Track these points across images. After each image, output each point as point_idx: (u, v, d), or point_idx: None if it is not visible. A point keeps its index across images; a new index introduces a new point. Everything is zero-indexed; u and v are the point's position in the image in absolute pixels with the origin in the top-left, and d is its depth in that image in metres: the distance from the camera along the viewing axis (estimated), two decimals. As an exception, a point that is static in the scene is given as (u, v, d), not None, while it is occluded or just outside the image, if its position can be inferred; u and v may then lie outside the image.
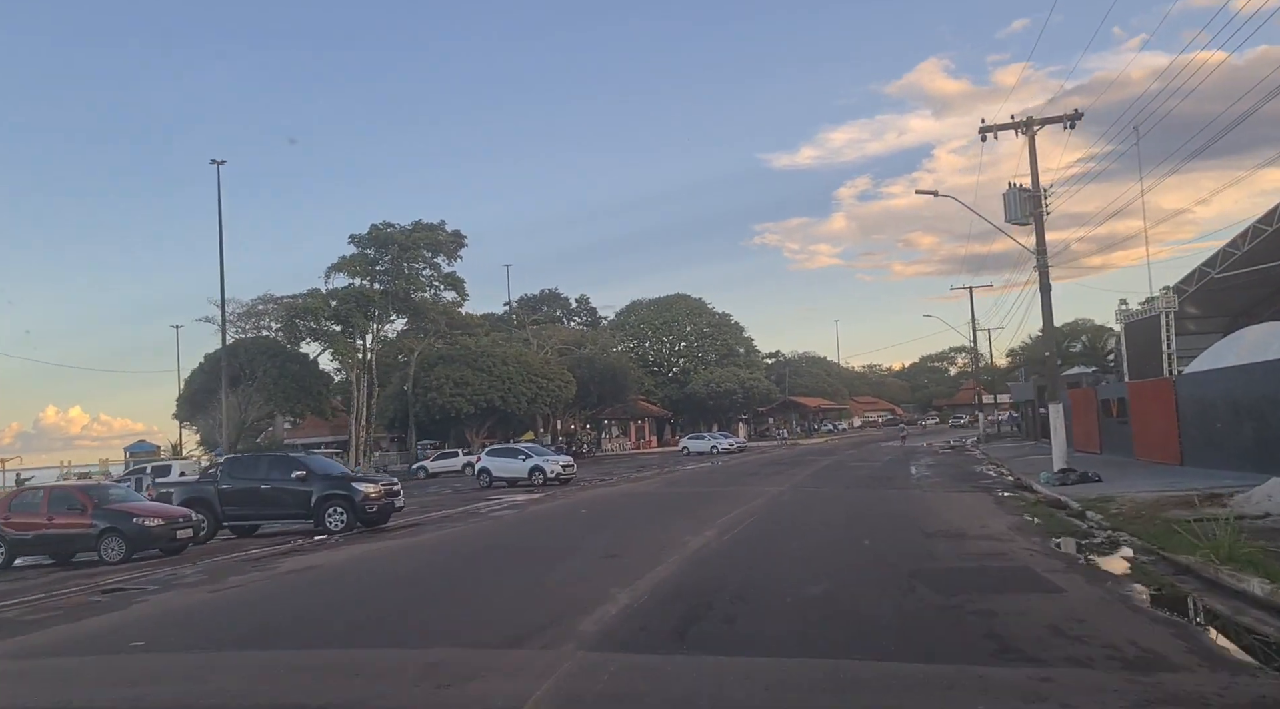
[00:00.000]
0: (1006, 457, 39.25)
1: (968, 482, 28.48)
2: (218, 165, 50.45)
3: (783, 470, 37.35)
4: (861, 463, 41.12)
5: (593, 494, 29.28)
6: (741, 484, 30.28)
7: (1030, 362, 49.35)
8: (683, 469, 43.71)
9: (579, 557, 14.53)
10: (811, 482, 30.10)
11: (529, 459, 36.19)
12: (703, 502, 24.17)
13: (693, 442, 64.35)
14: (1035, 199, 25.03)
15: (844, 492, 25.70)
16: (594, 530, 18.37)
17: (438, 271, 55.80)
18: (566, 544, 16.33)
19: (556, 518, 21.90)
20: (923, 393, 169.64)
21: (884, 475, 32.01)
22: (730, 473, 37.96)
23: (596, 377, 72.58)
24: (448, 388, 60.85)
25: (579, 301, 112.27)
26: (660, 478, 36.72)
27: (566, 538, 17.44)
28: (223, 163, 50.50)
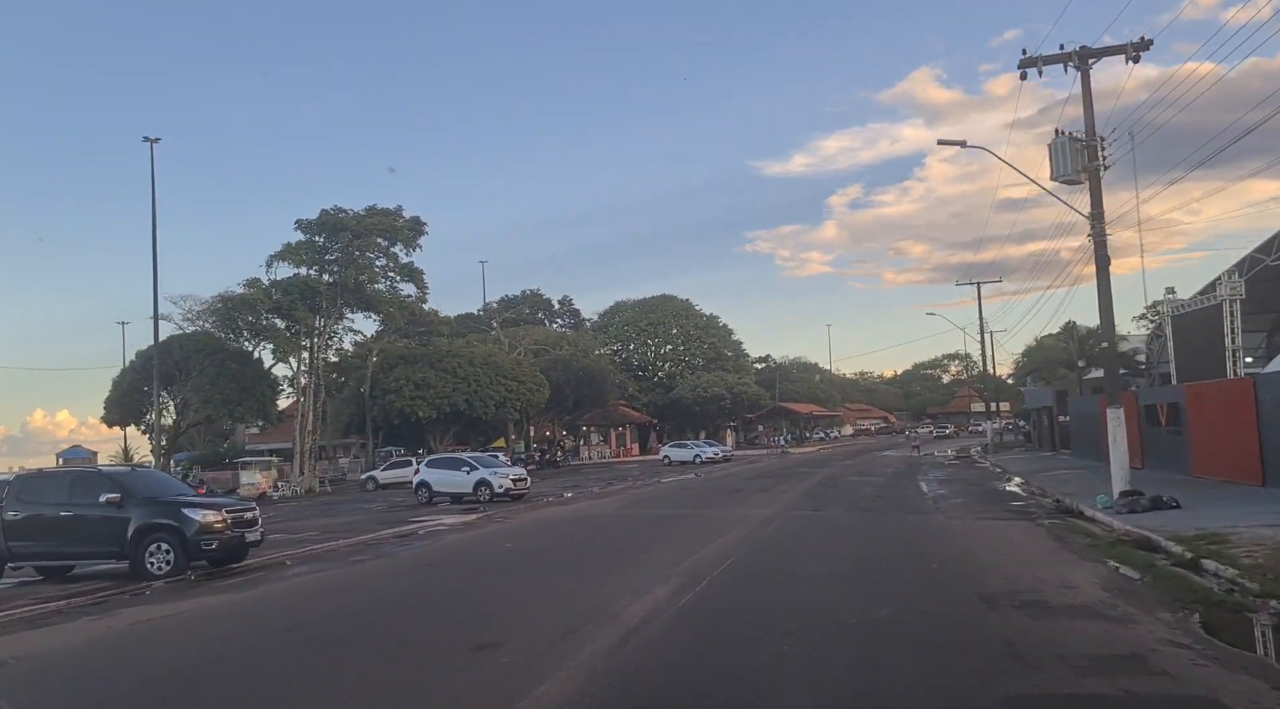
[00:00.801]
0: (1027, 470, 33.92)
1: (997, 503, 23.12)
2: (151, 143, 45.10)
3: (772, 485, 31.96)
4: (862, 477, 35.74)
5: (538, 518, 23.78)
6: (721, 504, 24.85)
7: (1048, 363, 44.16)
8: (658, 482, 38.25)
9: (437, 647, 9.06)
10: (806, 502, 24.70)
11: (474, 472, 30.65)
12: (666, 532, 18.76)
13: (674, 450, 58.86)
14: (1091, 149, 19.70)
15: (848, 518, 20.29)
16: (500, 583, 12.88)
17: (394, 262, 50.23)
18: (438, 617, 10.84)
19: (465, 558, 16.39)
20: (916, 400, 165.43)
21: (892, 493, 26.63)
22: (711, 488, 32.55)
23: (573, 379, 67.10)
24: (407, 390, 55.33)
25: (561, 303, 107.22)
26: (628, 494, 31.26)
27: (453, 599, 11.94)
28: (156, 141, 45.22)
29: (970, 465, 42.25)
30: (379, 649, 8.99)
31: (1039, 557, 13.57)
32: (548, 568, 14.14)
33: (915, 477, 34.65)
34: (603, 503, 27.62)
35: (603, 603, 10.40)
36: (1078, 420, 38.45)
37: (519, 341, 68.39)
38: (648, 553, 15.30)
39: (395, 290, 51.26)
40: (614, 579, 12.38)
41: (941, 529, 17.71)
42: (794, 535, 17.37)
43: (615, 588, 11.48)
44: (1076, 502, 20.97)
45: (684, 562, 13.70)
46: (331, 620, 10.77)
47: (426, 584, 13.12)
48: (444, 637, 9.41)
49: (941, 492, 27.29)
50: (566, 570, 13.64)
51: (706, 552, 14.85)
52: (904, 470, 39.11)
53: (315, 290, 46.59)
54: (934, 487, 29.34)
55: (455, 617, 10.60)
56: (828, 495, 26.73)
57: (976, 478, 33.50)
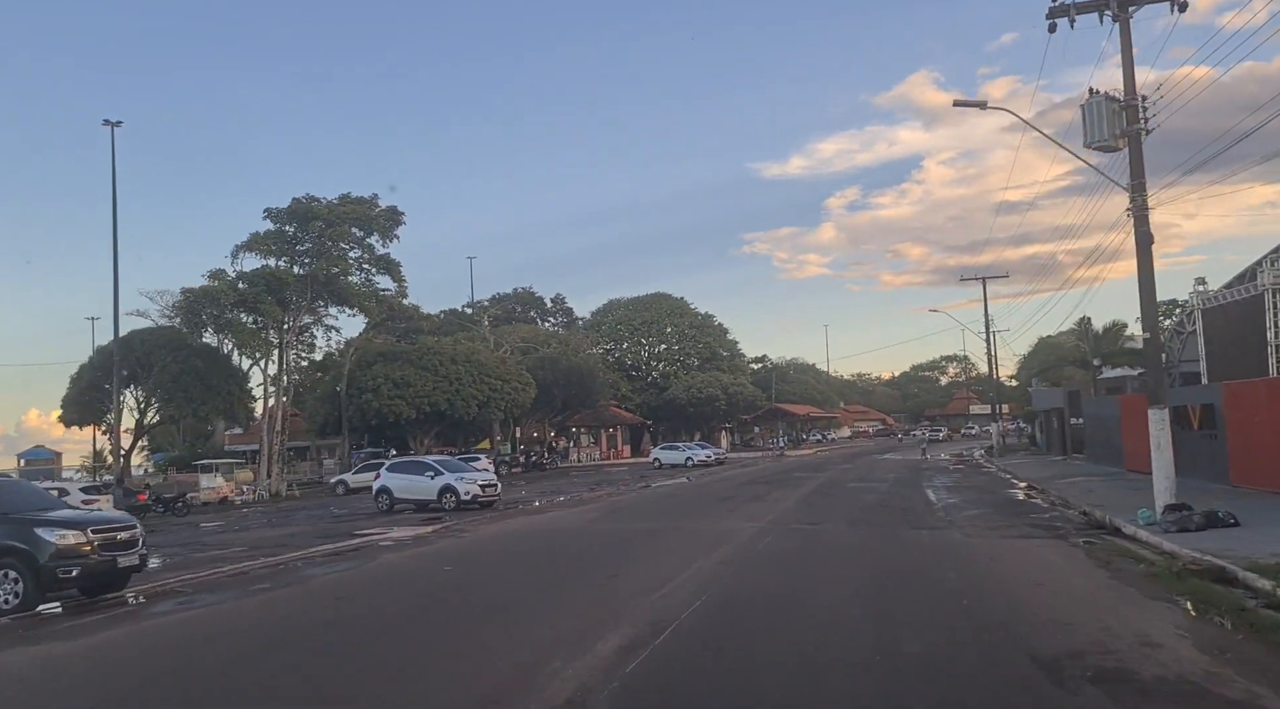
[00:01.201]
0: (1040, 476, 31.18)
1: (1017, 516, 20.36)
2: (112, 127, 42.35)
3: (765, 492, 29.22)
4: (862, 482, 33.00)
5: (499, 531, 20.95)
6: (706, 516, 22.09)
7: (1057, 362, 41.35)
8: (644, 488, 35.49)
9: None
10: (802, 513, 21.95)
11: (439, 477, 27.81)
12: (639, 552, 16.01)
13: (665, 453, 56.04)
14: (1131, 111, 16.97)
15: (850, 534, 17.54)
16: (401, 633, 10.01)
17: (370, 254, 47.43)
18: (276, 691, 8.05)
19: (387, 587, 13.45)
20: (914, 402, 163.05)
21: (898, 504, 23.86)
22: (699, 495, 29.80)
23: (560, 379, 64.28)
24: (386, 388, 52.52)
25: (554, 301, 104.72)
26: (607, 502, 28.48)
27: (317, 661, 9.11)
28: (118, 124, 42.47)
29: (976, 470, 39.51)
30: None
31: (1092, 593, 10.82)
32: (476, 606, 11.35)
33: (920, 483, 31.92)
34: (577, 513, 24.83)
35: (522, 670, 7.64)
36: (1092, 423, 35.73)
37: (505, 339, 65.59)
38: (609, 582, 12.56)
39: (371, 284, 48.44)
40: (554, 625, 9.62)
41: (962, 550, 14.96)
42: (786, 559, 14.61)
43: (549, 641, 8.73)
44: (1110, 515, 18.26)
45: (650, 596, 10.96)
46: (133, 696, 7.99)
47: (310, 633, 10.25)
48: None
49: (951, 501, 24.55)
50: (497, 611, 10.85)
51: (680, 582, 12.10)
52: (907, 476, 36.38)
53: (283, 283, 43.75)
54: (942, 495, 26.60)
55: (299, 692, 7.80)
56: (825, 505, 23.97)
57: (986, 485, 30.75)
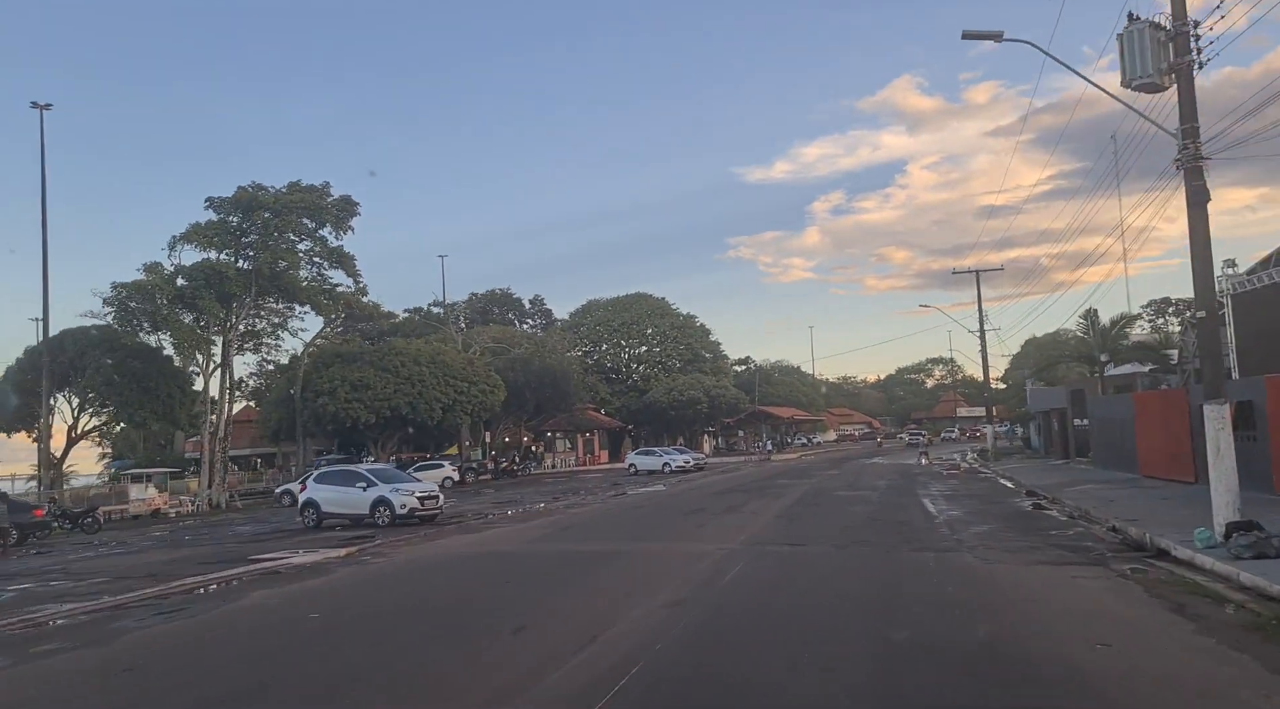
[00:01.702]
0: (1046, 483, 27.95)
1: (1036, 533, 17.07)
2: (41, 110, 38.89)
3: (742, 502, 25.90)
4: (851, 491, 29.72)
5: (417, 557, 17.41)
6: (670, 534, 18.75)
7: (1056, 359, 38.05)
8: (611, 498, 32.12)
9: None
10: (782, 529, 18.64)
11: (372, 488, 24.27)
12: (572, 587, 12.65)
13: (641, 458, 52.61)
14: (1180, 39, 13.75)
15: (840, 559, 14.22)
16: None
17: (323, 246, 43.88)
18: None
19: (201, 653, 9.86)
20: (899, 404, 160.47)
21: (893, 516, 20.56)
22: (669, 506, 26.45)
23: (533, 381, 60.84)
24: (342, 391, 48.94)
25: (533, 303, 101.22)
26: (563, 516, 25.05)
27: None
28: (47, 107, 39.03)
29: (973, 476, 36.28)
30: None
31: (1175, 653, 7.56)
32: (288, 697, 7.91)
33: (914, 491, 28.67)
34: (523, 530, 21.41)
35: None
36: (1100, 424, 32.57)
37: (475, 340, 62.08)
38: (508, 644, 9.16)
39: (323, 278, 44.86)
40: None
41: (983, 583, 11.66)
42: (758, 599, 11.24)
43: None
44: (1150, 533, 14.98)
45: (550, 672, 7.59)
46: None
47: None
48: None
49: (953, 512, 21.27)
50: (334, 695, 7.44)
51: (608, 638, 8.75)
52: (899, 482, 33.14)
53: (224, 277, 40.15)
54: (941, 505, 23.33)
55: None
56: (810, 519, 20.65)
57: (988, 493, 27.50)
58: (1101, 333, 32.09)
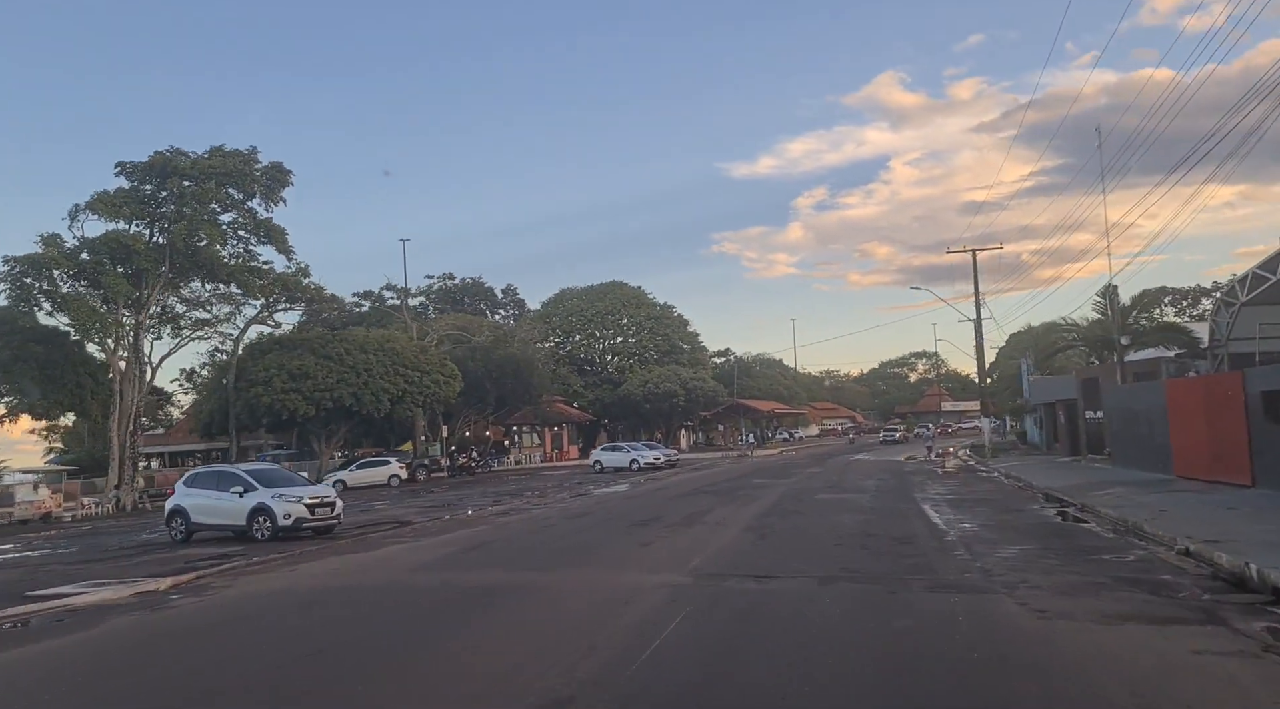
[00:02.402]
0: (1063, 485, 23.65)
1: (1082, 558, 12.70)
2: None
3: (706, 509, 21.46)
4: (836, 493, 25.33)
5: (251, 592, 12.75)
6: (601, 557, 14.27)
7: (1057, 345, 33.41)
8: (558, 502, 27.62)
9: None
10: (749, 550, 14.20)
11: (250, 494, 19.57)
12: (422, 653, 8.11)
13: (607, 455, 48.05)
14: None
15: (824, 605, 9.77)
16: None
17: (251, 219, 39.08)
18: None
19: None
20: (883, 399, 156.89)
21: (891, 530, 16.11)
22: (621, 513, 21.98)
23: (494, 371, 56.15)
24: (279, 381, 44.21)
25: (505, 292, 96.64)
26: (488, 527, 20.48)
27: None
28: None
29: (973, 475, 31.98)
30: None
31: None
32: None
33: (910, 493, 24.31)
34: (424, 548, 16.85)
35: None
36: (1120, 417, 28.29)
37: (432, 327, 57.34)
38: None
39: (251, 254, 40.03)
40: None
41: (1051, 659, 7.25)
42: (695, 696, 6.76)
43: None
44: (1259, 566, 10.63)
45: None
46: None
47: None
48: None
49: (966, 525, 16.89)
50: None
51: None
52: (891, 483, 28.80)
53: (132, 251, 35.27)
54: (947, 513, 18.96)
55: None
56: (786, 534, 16.22)
57: (998, 497, 23.13)
58: (1122, 312, 27.75)
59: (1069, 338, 32.90)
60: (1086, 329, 30.74)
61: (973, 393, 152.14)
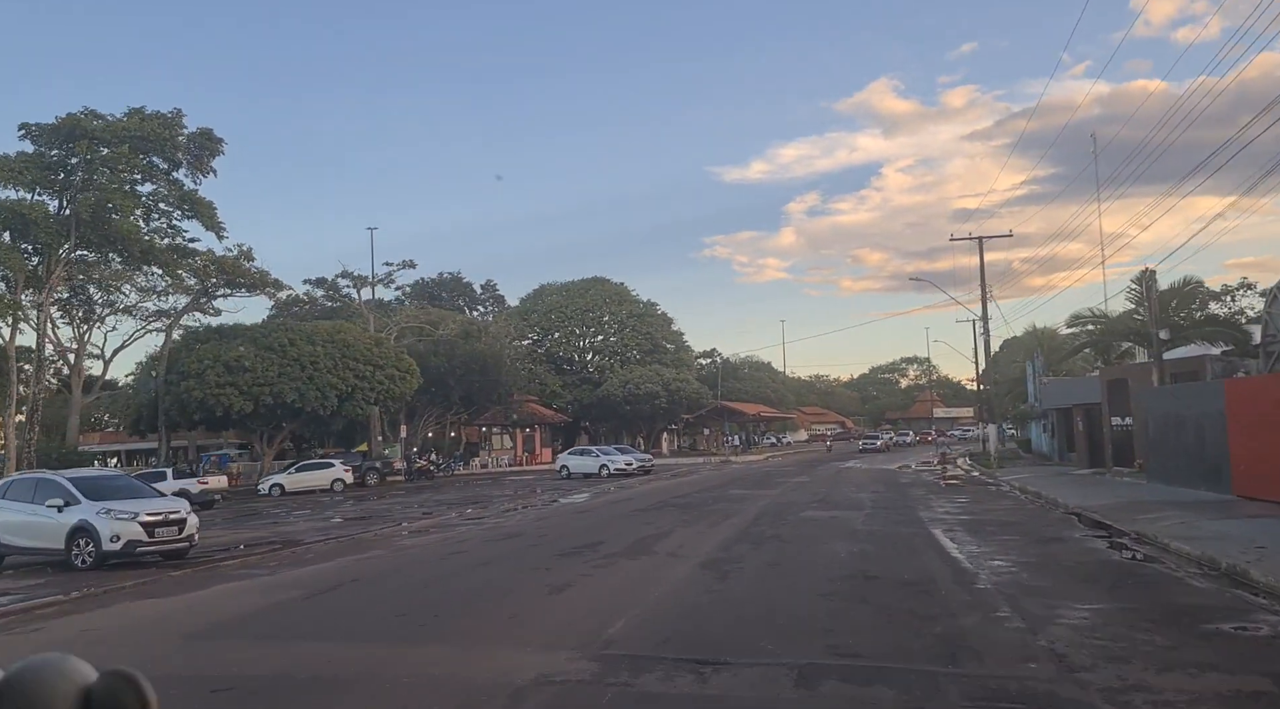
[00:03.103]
0: (1095, 502, 19.39)
1: (1192, 626, 8.30)
2: None
3: (665, 531, 17.10)
4: (824, 507, 20.98)
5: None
6: (480, 622, 9.90)
7: (1094, 342, 29.05)
8: (500, 515, 23.25)
9: None
10: (699, 606, 9.81)
11: (71, 509, 14.91)
12: None
13: (575, 459, 43.59)
14: None
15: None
16: None
17: (177, 190, 34.61)
18: None
19: None
20: (873, 404, 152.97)
21: (900, 572, 11.69)
22: (560, 535, 17.62)
23: (458, 367, 51.67)
24: (213, 374, 39.70)
25: (484, 288, 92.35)
26: (379, 554, 16.07)
27: None
28: None
29: (981, 488, 27.67)
30: None
31: None
32: None
33: (914, 511, 19.97)
34: (253, 594, 12.39)
35: None
36: (1160, 423, 23.96)
37: (391, 319, 52.86)
38: None
39: (175, 230, 35.51)
40: None
41: None
42: None
43: None
44: None
45: None
46: None
47: None
48: None
49: (996, 561, 12.56)
50: None
51: None
52: (888, 497, 24.47)
53: (28, 221, 30.76)
54: (967, 542, 14.63)
55: None
56: (757, 574, 11.87)
57: (1021, 518, 18.78)
58: (1161, 300, 23.44)
59: (1094, 331, 28.61)
60: (1115, 322, 26.47)
61: (965, 399, 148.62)
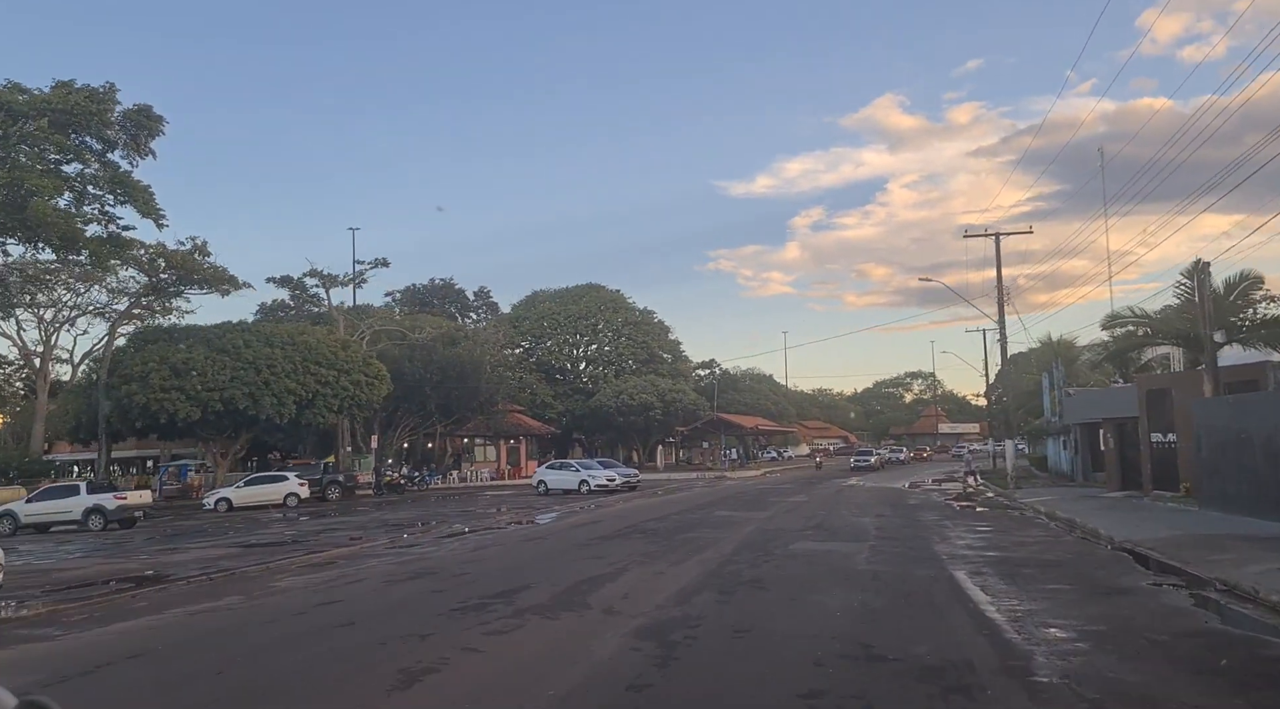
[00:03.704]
0: (1146, 536, 15.76)
1: None
2: None
3: (615, 572, 13.53)
4: (820, 540, 17.33)
5: None
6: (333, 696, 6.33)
7: (1139, 344, 25.10)
8: (440, 541, 19.66)
9: None
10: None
11: None
12: None
13: (553, 474, 39.88)
14: None
15: None
16: None
17: (110, 172, 31.24)
18: None
19: None
20: (877, 418, 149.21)
21: (916, 644, 8.05)
22: (482, 574, 14.08)
23: (435, 374, 48.13)
24: (158, 377, 36.26)
25: (477, 295, 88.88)
26: (231, 601, 12.51)
27: None
28: None
29: (1003, 513, 23.98)
30: None
31: None
32: None
33: (929, 545, 16.33)
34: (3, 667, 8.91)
35: None
36: (1216, 440, 20.25)
37: (362, 321, 49.33)
38: None
39: (108, 215, 32.07)
40: None
41: None
42: None
43: None
44: None
45: None
46: None
47: None
48: None
49: (1052, 630, 8.93)
50: None
51: None
52: (896, 523, 20.82)
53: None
54: (1001, 595, 11.01)
55: None
56: (715, 650, 8.23)
57: (1060, 555, 15.09)
58: (1215, 299, 19.81)
59: (1134, 334, 24.85)
60: (1163, 322, 22.76)
61: (970, 415, 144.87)
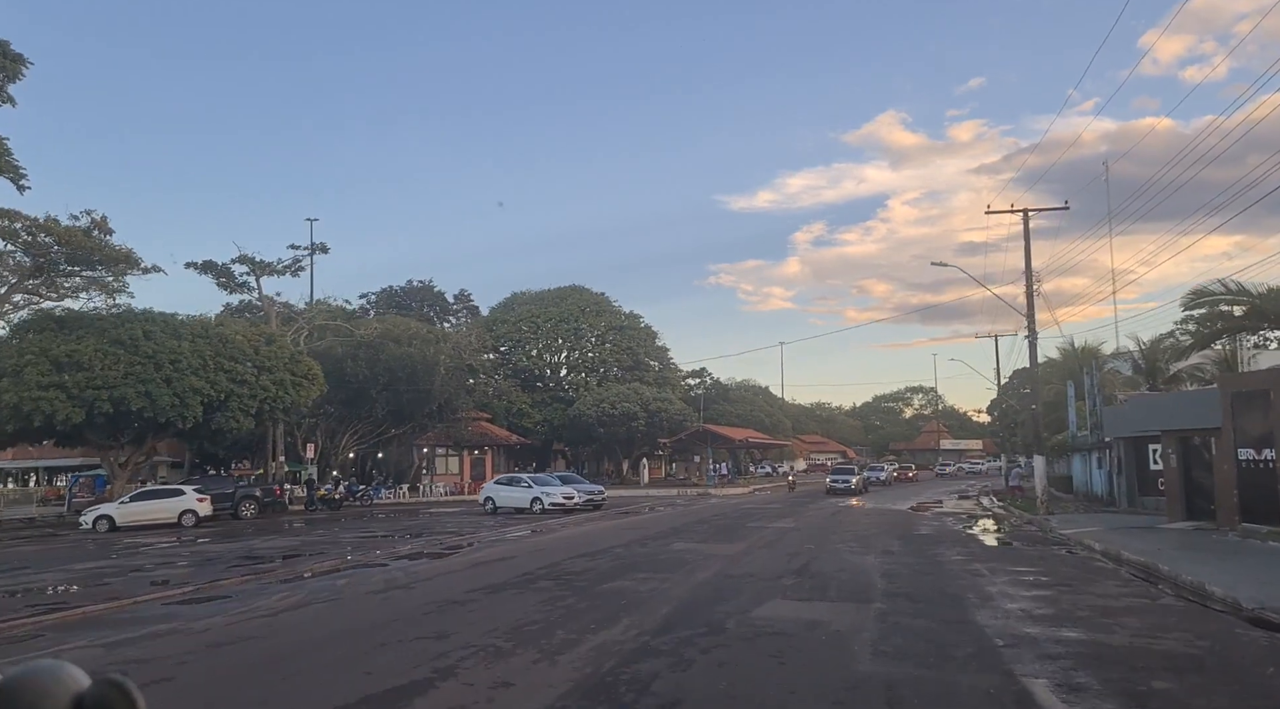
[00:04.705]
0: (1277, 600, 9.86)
1: None
2: None
3: (453, 666, 7.71)
4: (800, 598, 11.51)
5: None
6: None
7: (1223, 330, 19.62)
8: (307, 580, 13.81)
9: None
10: None
11: None
12: None
13: (502, 490, 33.82)
14: None
15: None
16: None
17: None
18: None
19: None
20: (876, 433, 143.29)
21: None
22: (261, 660, 8.24)
23: (382, 374, 42.33)
24: (35, 373, 30.51)
25: (457, 298, 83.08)
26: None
27: None
28: None
29: (1048, 551, 18.11)
30: None
31: None
32: None
33: (966, 609, 10.45)
34: None
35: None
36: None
37: (301, 317, 43.51)
38: None
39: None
40: None
41: None
42: None
43: None
44: None
45: None
46: None
47: None
48: None
49: None
50: None
51: None
52: (910, 566, 14.92)
53: None
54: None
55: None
56: None
57: (1186, 642, 9.24)
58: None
59: (1229, 314, 19.09)
60: (1269, 299, 17.13)
61: (971, 432, 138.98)
